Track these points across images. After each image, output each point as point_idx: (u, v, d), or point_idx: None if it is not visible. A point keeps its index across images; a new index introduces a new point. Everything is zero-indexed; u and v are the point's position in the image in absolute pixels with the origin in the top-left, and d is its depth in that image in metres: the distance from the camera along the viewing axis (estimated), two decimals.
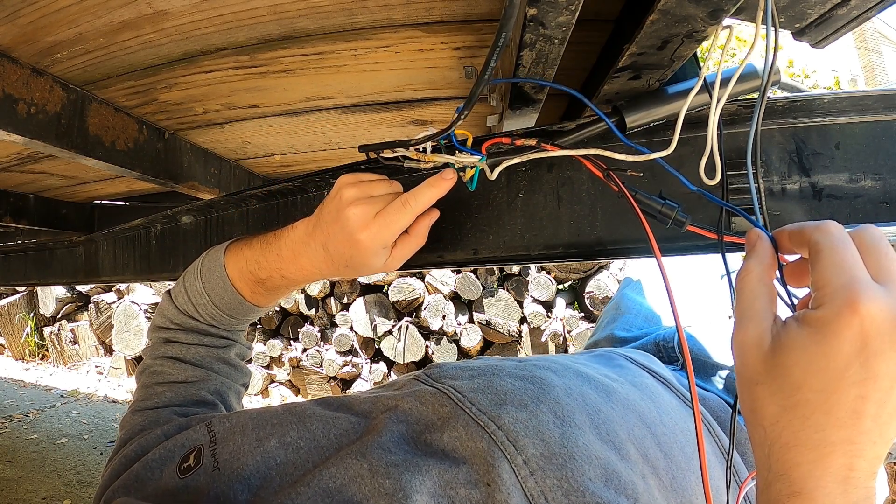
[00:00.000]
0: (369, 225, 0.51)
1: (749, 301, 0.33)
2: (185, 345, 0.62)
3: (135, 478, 0.46)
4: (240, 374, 0.67)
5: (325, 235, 0.53)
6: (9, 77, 0.69)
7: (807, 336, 0.29)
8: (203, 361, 0.62)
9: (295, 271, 0.57)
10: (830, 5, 0.41)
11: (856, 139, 0.53)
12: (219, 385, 0.63)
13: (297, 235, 0.56)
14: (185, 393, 0.60)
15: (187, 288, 0.62)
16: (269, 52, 0.72)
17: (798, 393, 0.29)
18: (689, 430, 0.55)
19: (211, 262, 0.61)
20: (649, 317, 0.95)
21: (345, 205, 0.51)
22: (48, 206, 1.43)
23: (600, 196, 0.58)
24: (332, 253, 0.54)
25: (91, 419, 3.16)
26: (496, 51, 0.38)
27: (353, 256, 0.53)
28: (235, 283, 0.60)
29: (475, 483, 0.40)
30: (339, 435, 0.46)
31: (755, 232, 0.36)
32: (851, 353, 0.28)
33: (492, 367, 0.53)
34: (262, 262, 0.58)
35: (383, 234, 0.51)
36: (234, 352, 0.66)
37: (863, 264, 0.30)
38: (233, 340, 0.66)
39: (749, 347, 0.32)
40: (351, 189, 0.52)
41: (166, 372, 0.60)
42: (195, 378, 0.61)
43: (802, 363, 0.29)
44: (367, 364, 3.21)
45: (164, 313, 0.64)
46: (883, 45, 7.97)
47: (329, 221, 0.53)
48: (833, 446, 0.28)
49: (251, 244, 0.59)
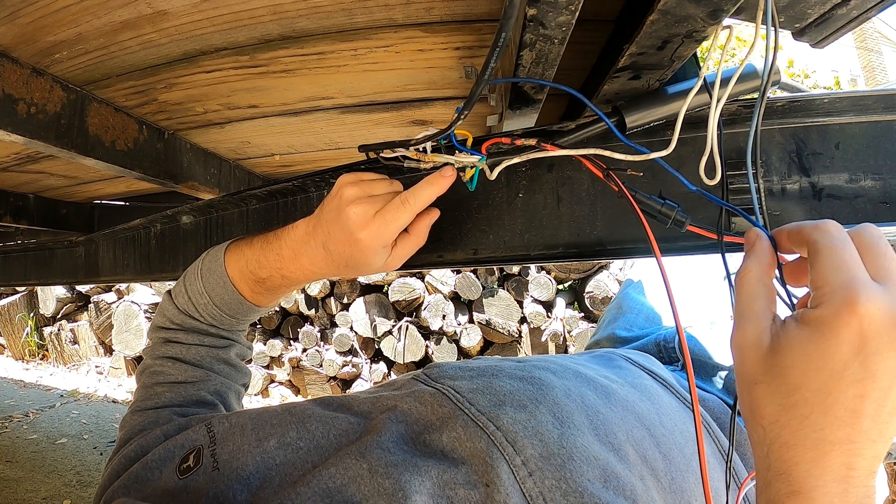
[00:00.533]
0: (369, 223, 0.51)
1: (748, 301, 0.33)
2: (186, 345, 0.62)
3: (134, 478, 0.46)
4: (240, 374, 0.67)
5: (325, 234, 0.53)
6: (9, 77, 0.69)
7: (805, 335, 0.30)
8: (203, 362, 0.62)
9: (295, 270, 0.57)
10: (830, 5, 0.41)
11: (856, 139, 0.53)
12: (219, 385, 0.63)
13: (297, 235, 0.56)
14: (185, 393, 0.60)
15: (188, 288, 0.62)
16: (269, 52, 0.72)
17: (797, 392, 0.29)
18: (689, 431, 0.55)
19: (211, 261, 0.61)
20: (650, 316, 0.95)
21: (345, 203, 0.52)
22: (48, 206, 1.43)
23: (600, 196, 0.58)
24: (333, 252, 0.54)
25: (91, 419, 3.16)
26: (496, 51, 0.38)
27: (353, 255, 0.53)
28: (236, 282, 0.60)
29: (474, 483, 0.40)
30: (338, 435, 0.46)
31: (754, 231, 0.37)
32: (850, 353, 0.28)
33: (491, 367, 0.53)
34: (263, 261, 0.58)
35: (383, 233, 0.51)
36: (234, 352, 0.66)
37: (862, 264, 0.30)
38: (233, 340, 0.66)
39: (748, 347, 0.32)
40: (351, 188, 0.52)
41: (166, 372, 0.60)
42: (195, 378, 0.61)
43: (801, 363, 0.29)
44: (367, 364, 3.21)
45: (165, 313, 0.64)
46: (883, 45, 7.97)
47: (329, 220, 0.53)
48: (832, 445, 0.28)
49: (251, 244, 0.59)
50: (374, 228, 0.51)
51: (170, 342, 0.62)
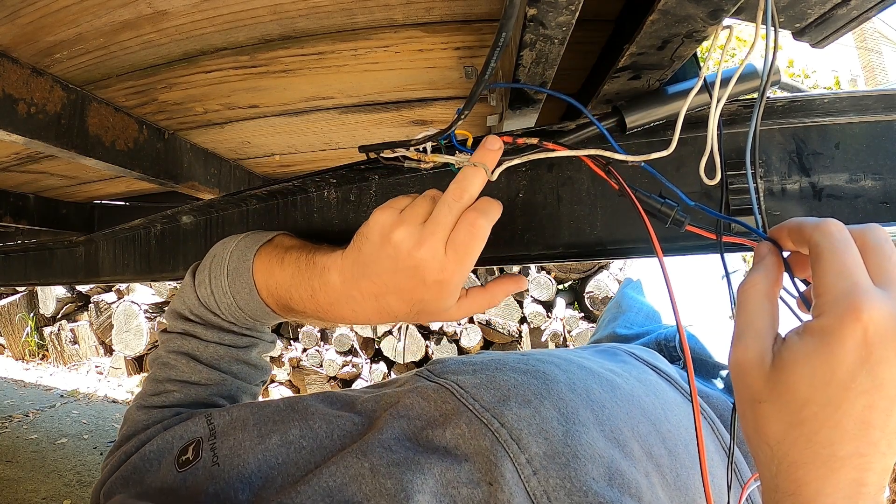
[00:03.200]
0: (423, 240, 0.42)
1: (751, 317, 0.32)
2: (204, 342, 0.57)
3: (133, 469, 0.46)
4: (259, 372, 0.63)
5: (374, 286, 0.45)
6: (9, 77, 0.69)
7: (811, 347, 0.29)
8: (220, 363, 0.58)
9: (336, 318, 0.50)
10: (830, 5, 0.41)
11: (856, 139, 0.53)
12: (234, 390, 0.59)
13: (332, 284, 0.47)
14: (196, 395, 0.56)
15: (212, 280, 0.56)
16: (269, 52, 0.72)
17: (805, 408, 0.28)
18: (693, 427, 0.55)
19: (239, 261, 0.54)
20: (650, 314, 0.95)
21: (387, 231, 0.44)
22: (48, 206, 1.43)
23: (600, 196, 0.58)
24: (392, 304, 0.46)
25: (91, 419, 3.16)
26: (496, 51, 0.38)
27: (423, 302, 0.45)
28: (264, 296, 0.53)
29: (477, 482, 0.39)
30: (342, 436, 0.45)
31: (766, 245, 0.36)
32: (857, 362, 0.27)
33: (495, 361, 0.52)
34: (295, 295, 0.51)
35: (437, 244, 0.42)
36: (255, 351, 0.61)
37: (864, 268, 0.29)
38: (256, 339, 0.61)
39: (750, 366, 0.31)
40: (382, 213, 0.45)
41: (180, 369, 0.56)
42: (209, 381, 0.57)
43: (808, 376, 0.28)
44: (367, 364, 3.21)
45: (185, 300, 0.58)
46: (883, 45, 7.96)
47: (381, 271, 0.44)
48: (842, 461, 0.27)
49: (283, 263, 0.52)
50: (430, 242, 0.42)
51: (187, 336, 0.57)
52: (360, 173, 0.66)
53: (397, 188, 0.65)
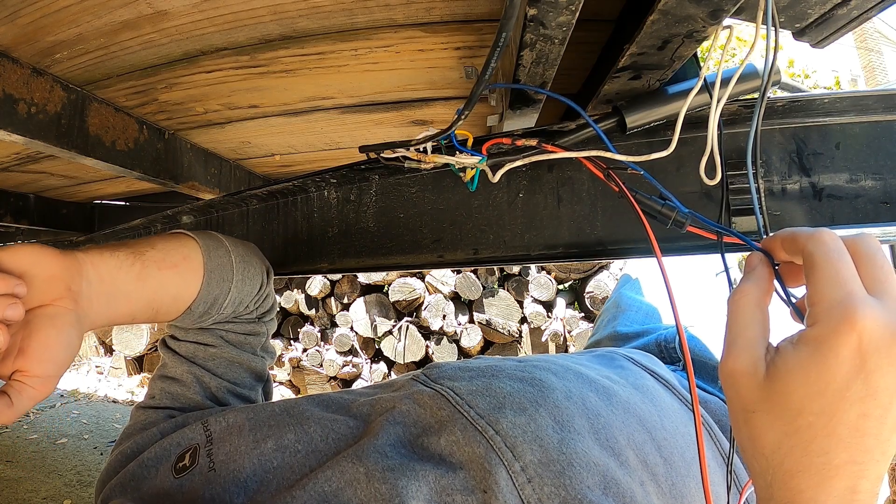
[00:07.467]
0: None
1: (742, 327, 0.32)
2: (180, 341, 0.59)
3: (131, 476, 0.46)
4: (252, 371, 0.63)
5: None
6: (9, 77, 0.69)
7: (805, 356, 0.29)
8: (195, 357, 0.59)
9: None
10: (831, 5, 0.41)
11: (856, 139, 0.53)
12: (216, 391, 0.59)
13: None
14: (181, 396, 0.57)
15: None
16: (269, 52, 0.72)
17: (800, 417, 0.28)
18: (690, 433, 0.55)
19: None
20: (649, 312, 0.95)
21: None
22: (48, 206, 1.43)
23: (600, 196, 0.58)
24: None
25: (91, 419, 3.16)
26: (496, 51, 0.38)
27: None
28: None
29: (471, 489, 0.39)
30: (337, 440, 0.45)
31: (757, 255, 0.35)
32: (851, 371, 0.27)
33: (491, 367, 0.53)
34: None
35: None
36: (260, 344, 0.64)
37: (858, 278, 0.29)
38: (257, 334, 0.63)
39: (742, 376, 0.31)
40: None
41: (167, 365, 0.59)
42: (185, 377, 0.58)
43: (802, 385, 0.28)
44: (368, 364, 3.20)
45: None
46: (883, 45, 7.96)
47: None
48: (837, 469, 0.27)
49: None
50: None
51: (176, 335, 0.60)
52: (360, 173, 0.66)
53: (397, 188, 0.65)
